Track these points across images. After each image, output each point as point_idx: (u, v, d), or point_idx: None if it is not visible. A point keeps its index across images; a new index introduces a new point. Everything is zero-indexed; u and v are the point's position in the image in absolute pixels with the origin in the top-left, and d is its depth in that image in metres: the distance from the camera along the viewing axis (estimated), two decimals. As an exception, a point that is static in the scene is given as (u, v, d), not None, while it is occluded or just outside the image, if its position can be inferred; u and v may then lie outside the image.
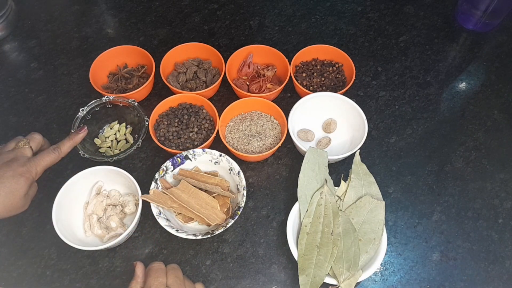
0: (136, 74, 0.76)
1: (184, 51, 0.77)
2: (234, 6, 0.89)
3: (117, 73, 0.77)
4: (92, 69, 0.73)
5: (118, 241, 0.59)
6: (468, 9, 0.83)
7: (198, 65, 0.77)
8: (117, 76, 0.76)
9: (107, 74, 0.77)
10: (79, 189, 0.63)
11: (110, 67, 0.77)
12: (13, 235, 0.64)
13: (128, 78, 0.76)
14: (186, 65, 0.77)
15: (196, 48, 0.78)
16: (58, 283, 0.60)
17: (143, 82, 0.75)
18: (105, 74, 0.77)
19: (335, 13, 0.89)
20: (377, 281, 0.61)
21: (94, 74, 0.73)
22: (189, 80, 0.76)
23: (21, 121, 0.74)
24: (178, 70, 0.77)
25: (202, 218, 0.60)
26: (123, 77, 0.76)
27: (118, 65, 0.78)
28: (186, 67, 0.77)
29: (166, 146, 0.68)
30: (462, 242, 0.64)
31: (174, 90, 0.72)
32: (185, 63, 0.78)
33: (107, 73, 0.77)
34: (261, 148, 0.68)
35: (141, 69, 0.77)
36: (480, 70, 0.81)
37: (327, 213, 0.59)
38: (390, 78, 0.80)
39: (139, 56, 0.77)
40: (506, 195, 0.68)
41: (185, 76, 0.76)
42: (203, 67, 0.77)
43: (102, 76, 0.76)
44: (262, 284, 0.61)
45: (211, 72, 0.77)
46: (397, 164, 0.71)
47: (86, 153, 0.65)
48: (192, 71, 0.76)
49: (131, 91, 0.72)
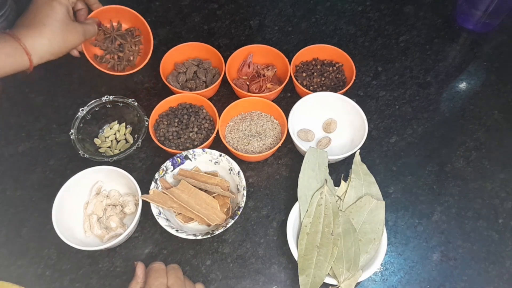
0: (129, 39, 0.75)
1: (184, 51, 0.77)
2: (234, 6, 0.89)
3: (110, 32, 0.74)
4: None
5: (118, 241, 0.59)
6: (468, 9, 0.83)
7: (198, 65, 0.78)
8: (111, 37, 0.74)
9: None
10: (79, 189, 0.63)
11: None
12: (13, 235, 0.64)
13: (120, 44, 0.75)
14: (186, 65, 0.77)
15: (196, 48, 0.78)
16: (58, 283, 0.60)
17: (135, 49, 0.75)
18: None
19: (335, 13, 0.88)
20: (377, 281, 0.61)
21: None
22: (189, 80, 0.76)
23: (21, 121, 0.74)
24: (178, 70, 0.77)
25: (202, 218, 0.60)
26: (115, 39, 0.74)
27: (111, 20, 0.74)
28: (186, 67, 0.77)
29: (166, 146, 0.68)
30: (462, 242, 0.64)
31: (174, 90, 0.72)
32: (185, 63, 0.78)
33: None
34: (261, 148, 0.68)
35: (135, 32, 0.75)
36: (480, 70, 0.81)
37: (327, 213, 0.58)
38: (390, 78, 0.80)
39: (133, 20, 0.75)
40: (506, 195, 0.68)
41: (185, 76, 0.76)
42: (203, 67, 0.77)
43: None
44: (262, 284, 0.61)
45: (211, 72, 0.77)
46: (397, 164, 0.71)
47: (86, 153, 0.65)
48: (192, 71, 0.76)
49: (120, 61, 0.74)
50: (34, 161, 0.70)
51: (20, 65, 0.55)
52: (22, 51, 0.54)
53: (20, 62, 0.54)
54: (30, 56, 0.54)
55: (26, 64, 0.55)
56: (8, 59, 0.53)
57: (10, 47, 0.53)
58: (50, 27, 0.55)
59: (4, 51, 0.52)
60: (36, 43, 0.55)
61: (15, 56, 0.53)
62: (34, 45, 0.55)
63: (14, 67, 0.54)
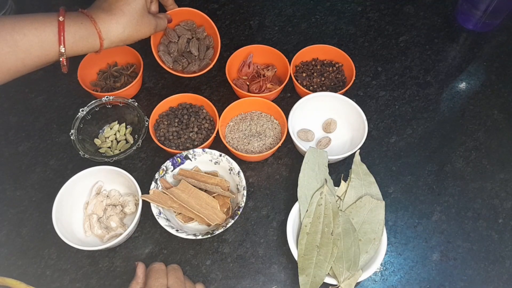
0: (124, 73, 0.76)
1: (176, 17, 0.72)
2: (234, 6, 0.89)
3: (107, 71, 0.77)
4: (81, 66, 0.73)
5: (118, 241, 0.59)
6: (468, 9, 0.83)
7: (190, 30, 0.73)
8: (106, 74, 0.76)
9: (97, 72, 0.77)
10: (79, 189, 0.63)
11: (100, 65, 0.77)
12: (13, 235, 0.64)
13: (117, 77, 0.76)
14: (179, 32, 0.72)
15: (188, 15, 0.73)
16: (58, 283, 0.60)
17: (131, 81, 0.75)
18: (95, 72, 0.77)
19: (335, 13, 0.89)
20: (377, 281, 0.61)
21: (83, 71, 0.73)
22: (181, 53, 0.73)
23: (21, 121, 0.74)
24: (170, 38, 0.72)
25: (202, 218, 0.60)
26: (112, 75, 0.76)
27: (108, 63, 0.78)
28: (178, 35, 0.73)
29: (166, 146, 0.68)
30: (462, 242, 0.64)
31: (166, 67, 0.70)
32: (177, 29, 0.72)
33: (97, 71, 0.77)
34: (261, 148, 0.68)
35: (130, 68, 0.77)
36: (480, 70, 0.81)
37: (327, 213, 0.59)
38: (390, 78, 0.80)
39: (129, 55, 0.76)
40: (506, 195, 0.68)
41: (177, 46, 0.72)
42: (196, 36, 0.74)
43: (92, 73, 0.76)
44: (262, 284, 0.61)
45: (204, 43, 0.73)
46: (397, 164, 0.71)
47: (86, 153, 0.65)
48: (184, 41, 0.73)
49: (119, 89, 0.72)
50: (34, 161, 0.70)
51: (91, 47, 0.55)
52: (96, 35, 0.54)
53: (92, 44, 0.55)
54: (102, 41, 0.55)
55: (97, 48, 0.56)
56: (81, 41, 0.53)
57: (85, 30, 0.53)
58: (128, 15, 0.56)
59: (79, 33, 0.53)
60: (112, 29, 0.55)
61: (88, 39, 0.54)
62: (109, 31, 0.55)
63: (85, 48, 0.54)
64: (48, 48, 0.51)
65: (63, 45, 0.51)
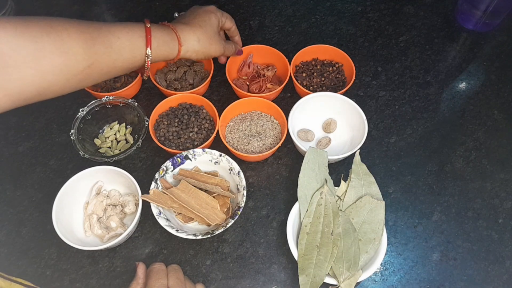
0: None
1: None
2: (234, 6, 0.89)
3: None
4: None
5: (118, 241, 0.59)
6: (468, 9, 0.83)
7: (190, 65, 0.77)
8: None
9: None
10: (79, 189, 0.63)
11: None
12: (13, 235, 0.64)
13: (117, 77, 0.75)
14: (178, 64, 0.77)
15: None
16: (58, 283, 0.60)
17: (131, 81, 0.75)
18: None
19: (335, 13, 0.89)
20: (377, 281, 0.61)
21: None
22: (177, 79, 0.75)
23: (21, 121, 0.74)
24: (169, 68, 0.77)
25: (202, 218, 0.60)
26: None
27: None
28: (176, 66, 0.77)
29: (166, 146, 0.68)
30: (462, 242, 0.64)
31: (160, 88, 0.72)
32: (177, 62, 0.77)
33: None
34: (261, 148, 0.68)
35: None
36: (480, 70, 0.81)
37: (327, 213, 0.59)
38: (390, 78, 0.80)
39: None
40: (506, 195, 0.68)
41: (174, 75, 0.76)
42: (194, 68, 0.77)
43: None
44: (262, 284, 0.61)
45: (200, 75, 0.77)
46: (397, 164, 0.71)
47: (86, 153, 0.65)
48: (181, 71, 0.76)
49: (119, 89, 0.72)
50: (34, 161, 0.70)
51: (171, 52, 0.61)
52: (176, 41, 0.60)
53: (172, 49, 0.60)
54: (181, 46, 0.61)
55: (175, 53, 0.61)
56: (164, 45, 0.59)
57: (168, 35, 0.59)
58: (204, 29, 0.63)
59: (163, 38, 0.59)
60: (189, 38, 0.62)
61: (169, 44, 0.60)
62: (187, 39, 0.61)
63: (166, 53, 0.60)
64: (136, 50, 0.56)
65: (150, 47, 0.57)
